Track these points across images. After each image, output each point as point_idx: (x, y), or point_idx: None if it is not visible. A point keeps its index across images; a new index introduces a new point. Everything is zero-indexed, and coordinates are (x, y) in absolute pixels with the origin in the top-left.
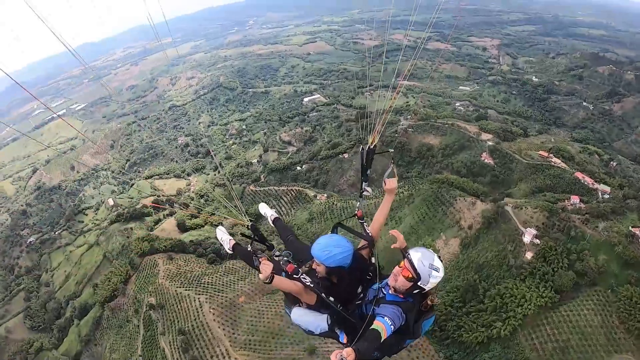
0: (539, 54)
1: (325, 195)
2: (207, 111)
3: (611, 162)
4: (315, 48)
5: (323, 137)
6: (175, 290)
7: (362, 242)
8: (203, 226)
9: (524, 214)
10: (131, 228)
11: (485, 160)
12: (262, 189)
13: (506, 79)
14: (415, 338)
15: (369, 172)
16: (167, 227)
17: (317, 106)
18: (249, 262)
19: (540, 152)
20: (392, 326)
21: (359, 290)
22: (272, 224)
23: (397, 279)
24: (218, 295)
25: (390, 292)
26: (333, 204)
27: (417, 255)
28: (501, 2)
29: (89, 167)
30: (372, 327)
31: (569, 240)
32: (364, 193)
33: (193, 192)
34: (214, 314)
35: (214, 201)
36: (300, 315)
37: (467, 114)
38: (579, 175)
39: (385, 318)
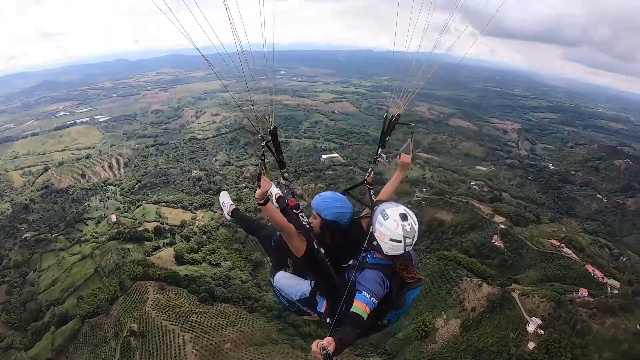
0: (558, 142)
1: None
2: (226, 150)
3: (621, 257)
4: (340, 107)
5: None
6: (161, 322)
7: (365, 212)
8: (201, 263)
9: (531, 302)
10: (128, 249)
11: (496, 243)
12: None
13: (523, 164)
14: (399, 309)
15: (387, 139)
16: (164, 256)
17: (334, 165)
18: (248, 228)
19: (552, 241)
20: (373, 300)
21: (349, 260)
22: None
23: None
24: (204, 336)
25: (374, 255)
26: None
27: (385, 203)
28: (525, 88)
29: (100, 179)
30: (352, 309)
31: (575, 334)
32: (379, 159)
33: (197, 226)
34: (196, 356)
35: (216, 240)
36: (283, 278)
37: (481, 194)
38: (589, 267)
39: (364, 294)
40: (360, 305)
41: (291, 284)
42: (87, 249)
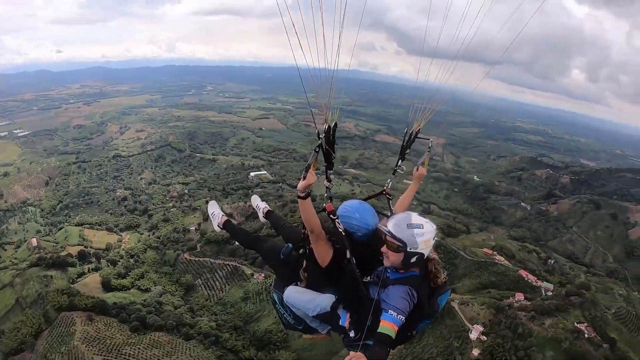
0: (481, 155)
1: (263, 275)
2: (151, 168)
3: (549, 260)
4: (267, 124)
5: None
6: (92, 358)
7: (382, 222)
8: (130, 289)
9: (470, 310)
10: (51, 276)
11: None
12: (197, 259)
13: (449, 177)
14: (432, 317)
15: (408, 151)
16: (90, 283)
17: (262, 182)
18: (245, 241)
19: (485, 250)
20: (400, 317)
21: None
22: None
23: (388, 257)
24: None
25: (392, 271)
26: (271, 284)
27: (391, 222)
28: (451, 105)
29: (19, 199)
30: (380, 330)
31: (516, 337)
32: (398, 170)
33: (123, 249)
34: None
35: (144, 264)
36: (297, 292)
37: (410, 207)
38: (522, 272)
39: (391, 312)
40: (388, 325)
41: (308, 298)
42: (6, 276)
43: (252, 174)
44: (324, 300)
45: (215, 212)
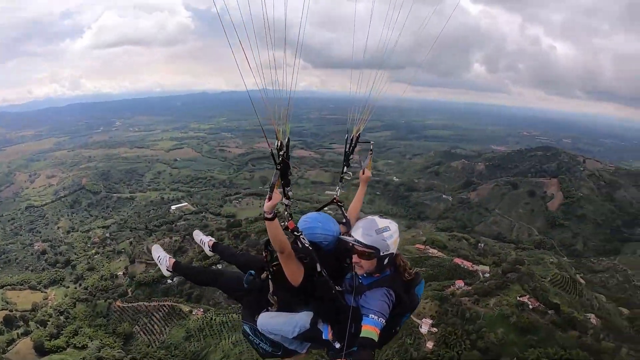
0: (397, 156)
1: (202, 309)
2: (68, 215)
3: (479, 244)
4: (182, 154)
5: (194, 247)
6: None
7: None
8: (65, 348)
9: None
10: None
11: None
12: (130, 304)
13: (369, 181)
14: (413, 309)
15: (351, 157)
16: (23, 349)
17: (184, 214)
18: (199, 279)
19: (417, 246)
20: (381, 320)
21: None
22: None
23: (362, 266)
24: None
25: (364, 276)
26: (211, 318)
27: (359, 232)
28: (359, 112)
29: None
30: (363, 334)
31: (466, 322)
32: (345, 177)
33: (51, 307)
34: None
35: (76, 319)
36: (270, 318)
37: (337, 217)
38: (457, 260)
39: (372, 316)
40: (370, 329)
41: (283, 321)
42: None
43: (173, 207)
44: (302, 319)
45: (161, 255)
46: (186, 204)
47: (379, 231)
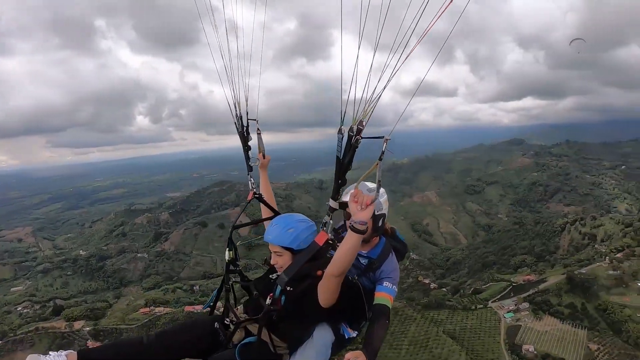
0: (76, 227)
1: None
2: None
3: (194, 287)
4: None
5: None
6: None
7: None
8: None
9: None
10: None
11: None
12: None
13: (55, 263)
14: (405, 253)
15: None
16: None
17: None
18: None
19: (141, 311)
20: (394, 288)
21: None
22: None
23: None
24: None
25: (363, 253)
26: None
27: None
28: (21, 188)
29: None
30: (376, 301)
31: None
32: (256, 165)
33: None
34: None
35: None
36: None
37: (40, 315)
38: (188, 308)
39: (386, 284)
40: (384, 296)
41: (315, 356)
42: None
43: None
44: (326, 337)
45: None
46: None
47: (370, 190)
